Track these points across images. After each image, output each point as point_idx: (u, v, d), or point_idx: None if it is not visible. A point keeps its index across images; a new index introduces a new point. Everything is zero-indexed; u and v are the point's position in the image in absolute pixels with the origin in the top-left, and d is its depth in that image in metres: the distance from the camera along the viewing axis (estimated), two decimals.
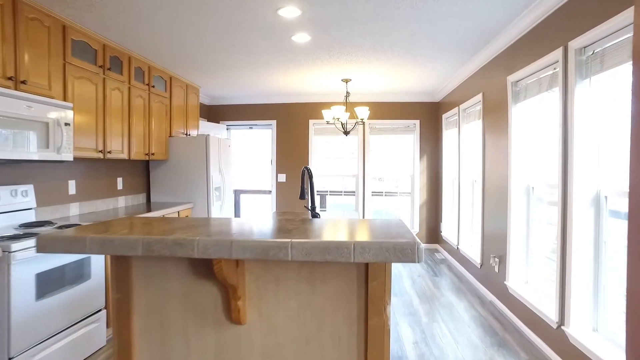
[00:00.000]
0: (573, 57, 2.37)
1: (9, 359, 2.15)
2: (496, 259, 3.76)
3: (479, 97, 4.28)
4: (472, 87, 4.53)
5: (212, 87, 5.81)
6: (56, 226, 2.84)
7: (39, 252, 1.13)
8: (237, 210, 8.20)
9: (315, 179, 6.72)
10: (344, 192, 6.82)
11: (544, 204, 3.21)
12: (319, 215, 2.39)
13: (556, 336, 2.63)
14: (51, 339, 2.43)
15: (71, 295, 2.58)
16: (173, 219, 1.53)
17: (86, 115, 3.26)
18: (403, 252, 0.95)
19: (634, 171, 0.96)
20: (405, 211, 6.71)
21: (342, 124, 5.21)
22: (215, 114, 6.85)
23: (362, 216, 6.52)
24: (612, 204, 2.28)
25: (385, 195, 6.79)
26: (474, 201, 4.78)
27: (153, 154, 4.38)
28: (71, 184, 3.54)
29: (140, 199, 4.75)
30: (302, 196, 2.55)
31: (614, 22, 1.95)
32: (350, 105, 5.96)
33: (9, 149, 2.41)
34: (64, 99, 2.98)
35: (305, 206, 2.39)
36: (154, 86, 4.33)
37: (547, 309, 2.78)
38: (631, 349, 0.97)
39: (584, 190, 2.39)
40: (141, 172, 4.77)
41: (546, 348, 2.77)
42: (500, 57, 3.67)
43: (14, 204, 2.82)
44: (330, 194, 6.94)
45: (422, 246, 0.96)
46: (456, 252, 5.23)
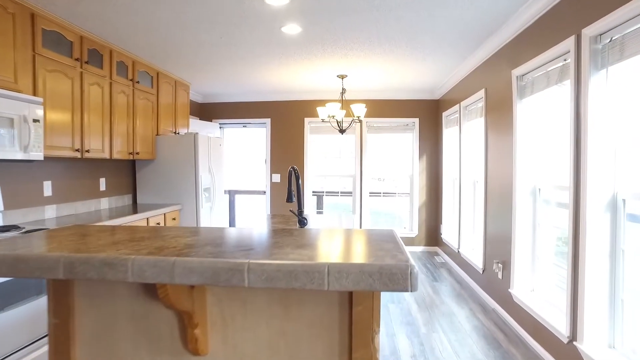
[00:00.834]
0: (587, 45, 2.14)
1: None
2: (499, 265, 3.54)
3: (481, 93, 4.06)
4: (474, 82, 4.31)
5: (204, 84, 5.59)
6: (23, 231, 2.62)
7: None
8: (232, 212, 7.99)
9: (311, 179, 6.50)
10: (341, 192, 6.60)
11: (551, 206, 2.99)
12: (306, 220, 2.17)
13: (567, 352, 2.40)
14: (11, 356, 2.21)
15: (34, 308, 2.36)
16: (129, 228, 1.31)
17: (61, 111, 3.04)
18: (392, 277, 0.73)
19: None
20: (404, 212, 6.49)
21: (338, 122, 4.99)
22: (208, 112, 6.63)
23: (359, 218, 6.30)
24: (631, 207, 2.06)
25: (384, 195, 6.57)
26: (475, 203, 4.56)
27: (138, 153, 4.15)
28: (46, 185, 3.31)
29: (126, 200, 4.53)
30: (290, 199, 2.33)
31: (638, 4, 1.73)
32: (346, 103, 5.74)
33: None
34: (33, 94, 2.76)
35: (291, 210, 2.18)
36: (138, 82, 4.11)
37: (556, 322, 2.56)
38: None
39: (598, 192, 2.17)
40: (127, 173, 4.55)
41: None
42: (504, 49, 3.45)
43: None
44: (326, 195, 6.72)
45: (416, 270, 0.74)
46: (457, 256, 5.01)
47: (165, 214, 4.20)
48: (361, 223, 6.31)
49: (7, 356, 2.19)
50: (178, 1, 2.77)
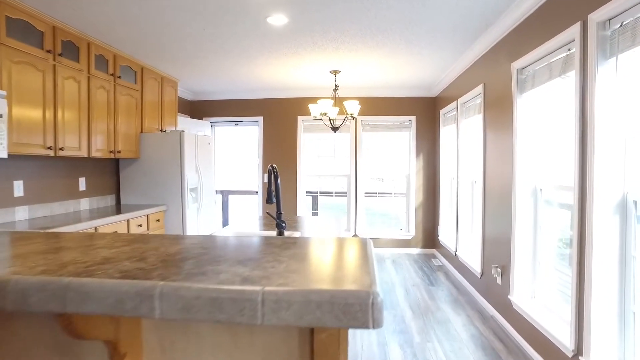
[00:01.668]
0: (594, 32, 1.95)
1: None
2: (498, 269, 3.35)
3: (479, 89, 3.87)
4: (472, 78, 4.12)
5: (193, 81, 5.40)
6: None
7: None
8: (225, 213, 7.80)
9: (305, 179, 6.30)
10: (335, 192, 6.41)
11: (554, 208, 2.80)
12: (284, 224, 1.98)
13: None
14: None
15: None
16: (55, 235, 1.11)
17: (30, 106, 2.85)
18: (347, 310, 0.54)
19: None
20: (400, 213, 6.30)
21: (330, 120, 4.79)
22: (199, 110, 6.44)
23: (354, 220, 6.11)
24: None
25: (379, 196, 6.38)
26: (473, 204, 4.37)
27: (119, 151, 3.96)
28: (17, 184, 3.12)
29: (109, 200, 4.33)
30: (270, 200, 2.14)
31: None
32: (339, 100, 5.55)
33: None
34: None
35: (269, 213, 1.98)
36: (120, 77, 3.92)
37: (560, 333, 2.37)
38: None
39: (606, 193, 1.97)
40: (109, 172, 4.36)
41: None
42: (503, 41, 3.26)
43: None
44: (320, 195, 6.53)
45: (380, 300, 0.54)
46: (454, 259, 4.82)
47: (149, 215, 4.00)
48: (356, 225, 6.11)
49: None
50: None
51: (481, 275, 3.82)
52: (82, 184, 3.90)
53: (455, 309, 3.69)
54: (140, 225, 3.83)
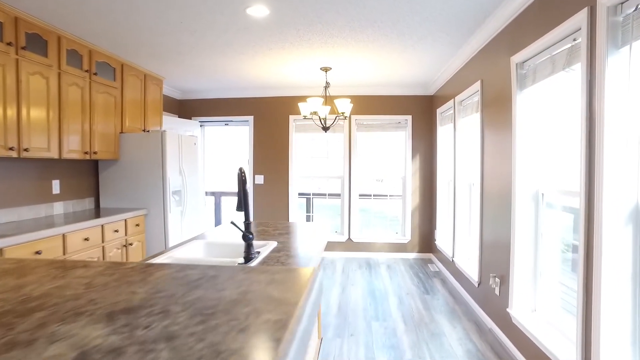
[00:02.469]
0: (604, 18, 1.73)
1: None
2: (497, 279, 3.12)
3: (476, 86, 3.64)
4: (470, 74, 3.90)
5: (179, 79, 5.17)
6: None
7: None
8: (218, 215, 7.58)
9: (297, 180, 6.08)
10: (329, 194, 6.18)
11: (557, 214, 2.57)
12: (252, 235, 1.75)
13: None
14: None
15: None
16: None
17: None
18: None
19: None
20: (396, 216, 6.07)
21: (321, 119, 4.57)
22: (187, 109, 6.21)
23: (347, 223, 5.88)
24: None
25: (374, 198, 6.15)
26: (471, 208, 4.14)
27: (96, 152, 3.74)
28: None
29: (87, 204, 4.11)
30: (240, 207, 1.91)
31: None
32: (331, 98, 5.32)
33: None
34: None
35: (233, 222, 1.76)
36: (96, 73, 3.69)
37: (564, 353, 2.14)
38: None
39: (618, 200, 1.75)
40: (87, 174, 4.13)
41: None
42: (502, 34, 3.04)
43: None
44: (313, 196, 6.30)
45: None
46: (451, 265, 4.59)
47: (127, 220, 3.78)
48: (350, 228, 5.89)
49: None
50: None
51: (479, 284, 3.59)
52: (55, 186, 3.68)
53: (451, 320, 3.46)
54: (117, 231, 3.61)
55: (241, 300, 0.61)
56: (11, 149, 2.81)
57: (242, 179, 1.80)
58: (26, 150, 2.93)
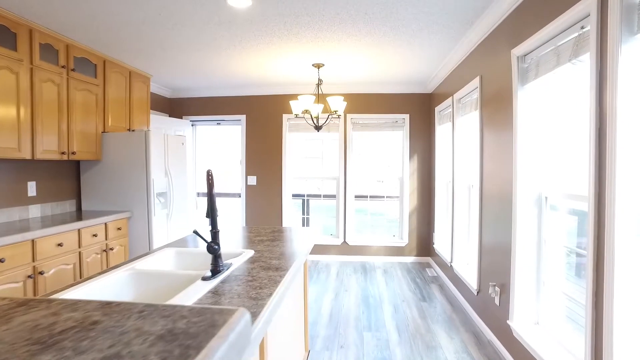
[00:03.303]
0: (617, 1, 1.52)
1: None
2: (497, 288, 2.92)
3: (475, 82, 3.44)
4: (468, 70, 3.69)
5: (168, 76, 4.98)
6: None
7: None
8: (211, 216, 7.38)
9: (291, 181, 5.88)
10: (323, 196, 5.98)
11: (561, 219, 2.37)
12: (218, 246, 1.56)
13: None
14: None
15: None
16: None
17: None
18: None
19: None
20: (393, 218, 5.87)
21: (313, 118, 4.37)
22: (178, 108, 6.03)
23: (343, 225, 5.68)
24: None
25: (370, 199, 5.94)
26: (470, 211, 3.94)
27: (74, 153, 3.55)
28: None
29: (67, 207, 3.92)
30: (209, 213, 1.71)
31: None
32: (324, 97, 5.12)
33: None
34: None
35: (195, 231, 1.56)
36: (74, 69, 3.50)
37: None
38: None
39: (633, 206, 1.55)
40: (67, 175, 3.94)
41: None
42: (502, 25, 2.83)
43: None
44: (307, 197, 6.10)
45: None
46: (450, 270, 4.39)
47: (107, 223, 3.59)
48: (345, 231, 5.69)
49: None
50: None
51: (478, 292, 3.39)
52: (31, 188, 3.49)
53: (448, 330, 3.26)
54: (96, 235, 3.42)
55: None
56: None
57: (209, 183, 1.60)
58: None
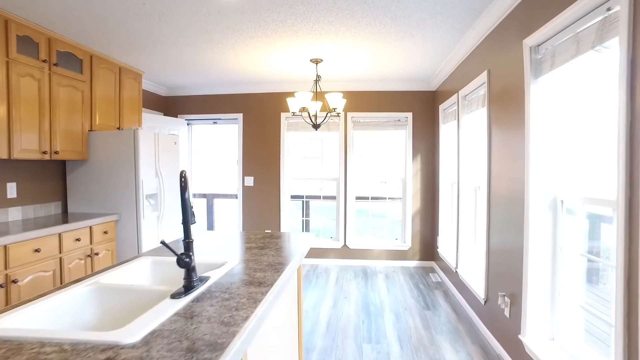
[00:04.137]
0: None
1: None
2: (506, 299, 2.70)
3: (483, 77, 3.22)
4: (475, 65, 3.48)
5: (161, 74, 4.79)
6: None
7: None
8: (210, 218, 7.21)
9: (290, 182, 5.68)
10: (323, 197, 5.77)
11: (580, 224, 2.15)
12: (189, 259, 1.35)
13: None
14: None
15: None
16: None
17: None
18: None
19: None
20: (396, 221, 5.65)
21: (310, 116, 4.16)
22: (173, 106, 5.83)
23: (343, 228, 5.46)
24: None
25: (372, 200, 5.73)
26: (477, 214, 3.72)
27: (57, 152, 3.36)
28: None
29: (52, 209, 3.73)
30: (186, 220, 1.51)
31: None
32: (323, 94, 4.91)
33: None
34: None
35: (163, 242, 1.35)
36: (56, 64, 3.31)
37: None
38: None
39: None
40: (52, 176, 3.76)
41: None
42: (513, 14, 2.62)
43: None
44: (306, 199, 5.90)
45: None
46: (454, 275, 4.17)
47: (92, 227, 3.40)
48: (346, 233, 5.47)
49: None
50: None
51: (485, 302, 3.17)
52: (11, 190, 3.30)
53: (453, 342, 3.04)
54: (79, 240, 3.22)
55: None
56: None
57: (182, 185, 1.40)
58: None
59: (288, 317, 2.15)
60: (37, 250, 2.79)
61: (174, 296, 1.31)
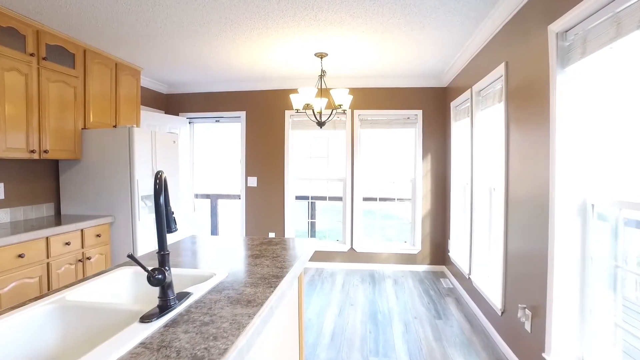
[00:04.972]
0: None
1: None
2: (527, 312, 2.46)
3: (500, 70, 2.98)
4: (490, 58, 3.23)
5: (161, 70, 4.61)
6: None
7: None
8: (214, 219, 7.03)
9: (295, 182, 5.47)
10: (329, 198, 5.55)
11: (614, 231, 1.91)
12: (163, 276, 1.15)
13: None
14: None
15: None
16: None
17: None
18: None
19: None
20: (405, 223, 5.41)
21: (315, 113, 3.95)
22: (175, 104, 5.66)
23: (350, 231, 5.24)
24: None
25: (380, 201, 5.49)
26: (492, 217, 3.47)
27: (47, 151, 3.18)
28: None
29: (44, 210, 3.57)
30: (169, 227, 1.30)
31: None
32: (328, 90, 4.70)
33: None
34: None
35: (130, 255, 1.14)
36: (45, 58, 3.14)
37: None
38: None
39: None
40: (44, 176, 3.59)
41: None
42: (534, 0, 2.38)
43: None
44: (312, 200, 5.68)
45: None
46: (467, 282, 3.93)
47: (84, 230, 3.22)
48: (352, 236, 5.25)
49: None
50: None
51: (502, 312, 2.93)
52: None
53: (467, 356, 2.81)
54: (69, 244, 3.04)
55: None
56: None
57: (156, 189, 1.19)
58: None
59: (287, 328, 1.94)
60: (20, 256, 2.61)
61: (144, 319, 1.10)
